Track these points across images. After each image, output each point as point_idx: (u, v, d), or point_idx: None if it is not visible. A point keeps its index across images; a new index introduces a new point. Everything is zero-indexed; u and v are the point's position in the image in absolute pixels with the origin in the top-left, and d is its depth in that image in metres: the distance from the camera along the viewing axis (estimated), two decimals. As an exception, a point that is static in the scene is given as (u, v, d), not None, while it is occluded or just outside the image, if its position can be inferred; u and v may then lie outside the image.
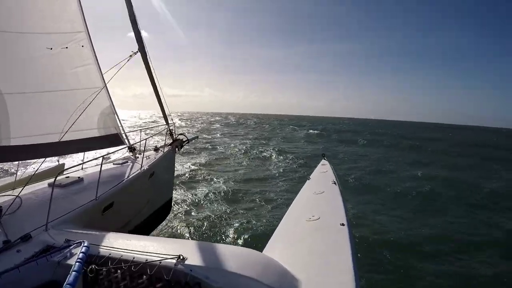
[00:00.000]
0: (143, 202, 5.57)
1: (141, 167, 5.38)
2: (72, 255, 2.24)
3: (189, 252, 2.33)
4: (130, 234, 3.51)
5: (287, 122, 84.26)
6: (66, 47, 5.17)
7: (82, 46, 5.35)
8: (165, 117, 7.31)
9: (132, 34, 6.31)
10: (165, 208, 7.04)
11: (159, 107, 7.13)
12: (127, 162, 6.03)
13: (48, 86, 5.01)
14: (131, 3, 6.01)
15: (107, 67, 6.00)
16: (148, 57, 6.42)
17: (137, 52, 6.21)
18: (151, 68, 6.62)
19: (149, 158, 6.24)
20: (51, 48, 4.99)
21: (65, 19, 5.20)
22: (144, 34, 6.54)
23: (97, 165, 5.37)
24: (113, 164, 5.90)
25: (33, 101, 4.83)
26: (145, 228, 5.72)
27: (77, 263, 1.83)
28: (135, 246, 2.56)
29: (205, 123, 63.62)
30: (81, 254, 1.97)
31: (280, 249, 2.70)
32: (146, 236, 3.12)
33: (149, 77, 6.69)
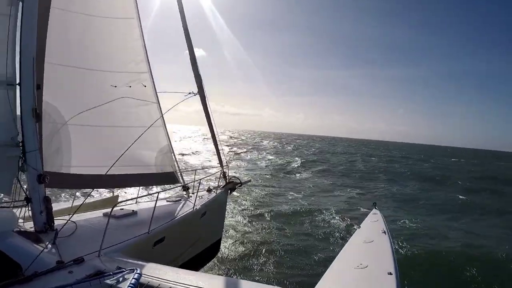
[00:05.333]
0: (193, 239, 5.48)
1: (193, 206, 5.38)
2: (124, 280, 2.30)
3: None
4: (179, 269, 3.45)
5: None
6: (130, 86, 5.56)
7: (145, 86, 5.74)
8: (220, 160, 7.47)
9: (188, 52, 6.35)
10: (214, 247, 6.89)
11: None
12: (180, 200, 6.09)
13: (109, 121, 5.38)
14: (193, 47, 6.35)
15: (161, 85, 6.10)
16: (206, 99, 6.63)
17: (196, 93, 6.39)
18: (209, 112, 6.81)
19: (202, 198, 6.25)
20: (116, 86, 5.40)
21: (131, 60, 5.65)
22: (202, 53, 6.69)
23: (151, 200, 5.49)
24: (167, 201, 5.99)
25: (95, 134, 5.20)
26: (193, 264, 5.55)
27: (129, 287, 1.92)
28: (184, 279, 2.64)
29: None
30: (133, 280, 2.10)
31: None
32: (194, 272, 3.14)
33: (207, 121, 6.95)
